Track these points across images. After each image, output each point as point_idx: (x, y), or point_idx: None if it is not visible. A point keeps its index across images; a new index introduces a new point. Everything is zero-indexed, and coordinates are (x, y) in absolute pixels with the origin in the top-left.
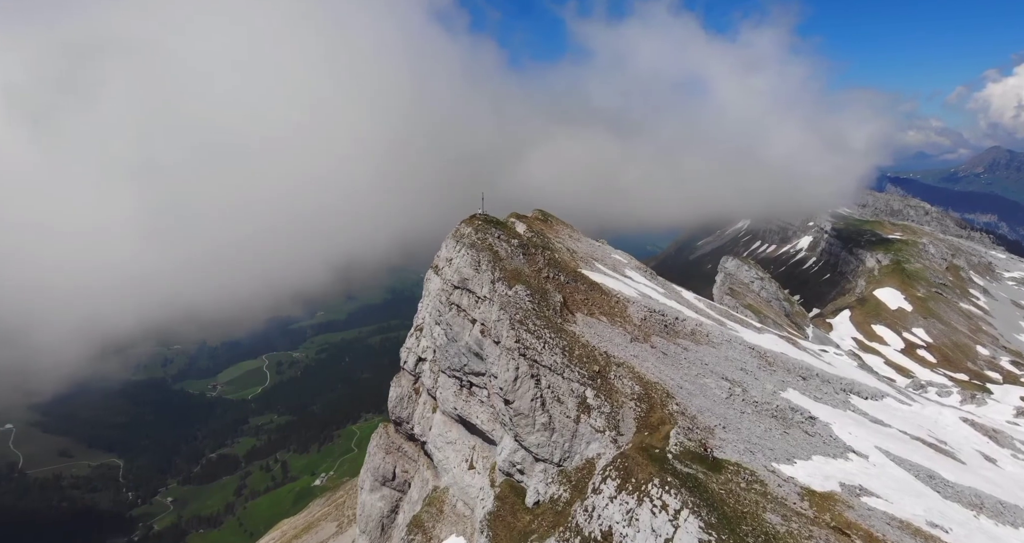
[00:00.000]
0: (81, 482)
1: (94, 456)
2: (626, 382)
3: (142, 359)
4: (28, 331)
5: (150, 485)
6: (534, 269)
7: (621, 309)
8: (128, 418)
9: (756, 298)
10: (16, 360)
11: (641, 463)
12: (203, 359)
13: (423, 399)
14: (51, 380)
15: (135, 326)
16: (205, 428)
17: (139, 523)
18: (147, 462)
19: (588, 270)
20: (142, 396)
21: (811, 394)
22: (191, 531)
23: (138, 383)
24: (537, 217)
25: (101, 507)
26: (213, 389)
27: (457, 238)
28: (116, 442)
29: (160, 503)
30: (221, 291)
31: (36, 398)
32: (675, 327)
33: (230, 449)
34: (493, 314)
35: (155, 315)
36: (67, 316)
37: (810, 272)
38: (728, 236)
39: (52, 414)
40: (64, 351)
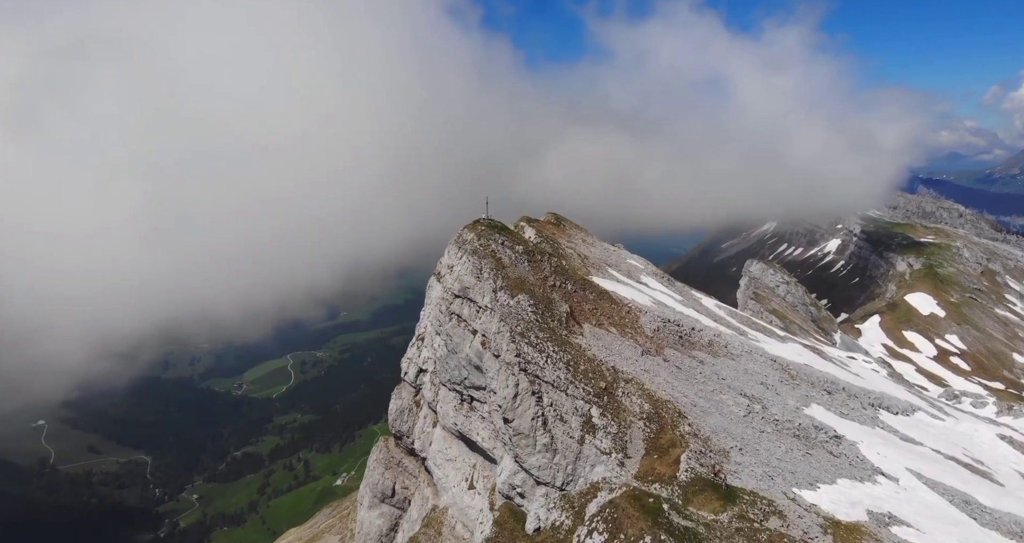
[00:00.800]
0: (110, 478)
1: (123, 453)
2: (635, 400)
3: (170, 358)
4: (58, 330)
5: (177, 482)
6: (539, 277)
7: (632, 319)
8: (156, 416)
9: (781, 303)
10: (46, 358)
11: (632, 516)
12: (230, 358)
13: (424, 413)
14: (82, 378)
15: (162, 326)
16: (230, 426)
17: (165, 520)
18: (174, 459)
19: (600, 277)
20: (170, 394)
21: (837, 410)
22: (215, 529)
23: (166, 381)
24: (549, 221)
25: (129, 503)
26: (239, 388)
27: (459, 244)
28: (144, 439)
29: (186, 500)
30: (248, 291)
31: (67, 395)
32: (691, 338)
33: (254, 447)
34: (493, 326)
35: (182, 315)
36: (96, 316)
37: (838, 276)
38: (753, 238)
39: (83, 411)
40: (93, 350)
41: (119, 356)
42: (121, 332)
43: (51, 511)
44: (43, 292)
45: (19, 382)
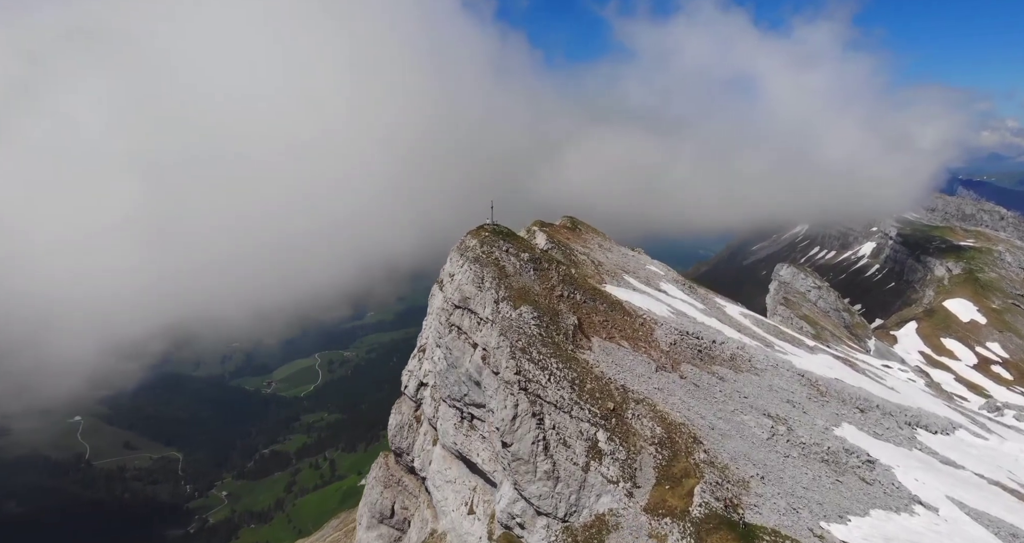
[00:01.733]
0: (143, 474)
1: (156, 449)
2: (646, 423)
3: (202, 357)
4: (94, 328)
5: (207, 479)
6: (546, 287)
7: (647, 332)
8: (188, 413)
9: (812, 308)
10: (83, 355)
11: None
12: (259, 357)
13: (424, 429)
14: (115, 375)
15: (190, 324)
16: (259, 424)
17: (195, 516)
18: (204, 456)
19: (614, 285)
20: (202, 392)
21: (870, 430)
22: (243, 526)
23: (198, 379)
24: (565, 225)
25: (161, 498)
26: (268, 386)
27: (461, 251)
28: (176, 436)
29: (216, 497)
30: (278, 291)
31: (102, 392)
32: (711, 352)
33: (282, 445)
34: (493, 340)
35: (210, 314)
36: (129, 316)
37: (873, 280)
38: (784, 241)
39: (117, 408)
40: (127, 347)
41: (151, 354)
42: (151, 331)
43: (86, 505)
44: (70, 292)
45: (54, 378)
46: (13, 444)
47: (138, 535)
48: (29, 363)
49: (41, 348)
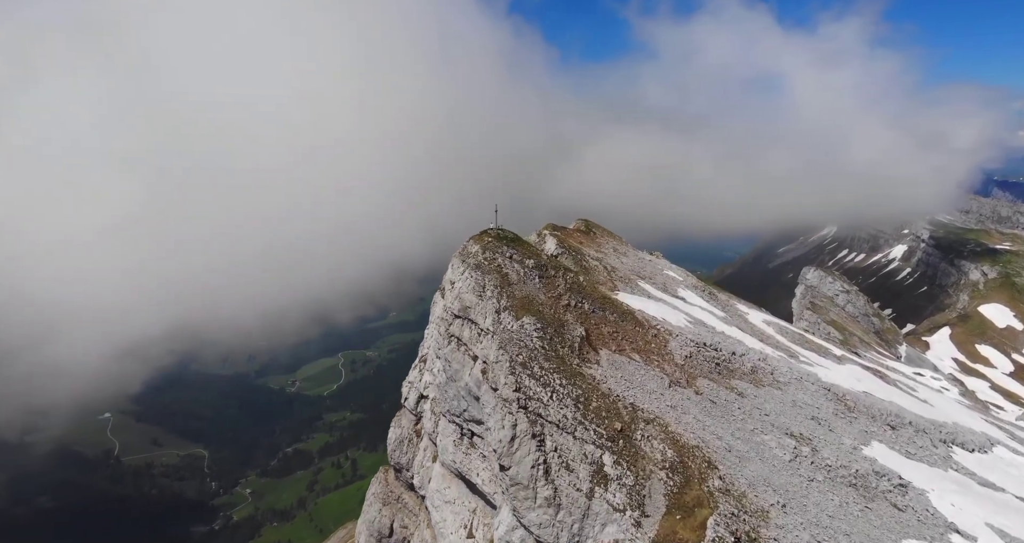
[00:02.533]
0: (170, 471)
1: (182, 446)
2: (656, 445)
3: (229, 355)
4: (120, 325)
5: (231, 476)
6: (552, 295)
7: (660, 344)
8: (214, 411)
9: (841, 313)
10: (112, 352)
11: None
12: (284, 356)
13: (424, 444)
14: (146, 372)
15: (216, 324)
16: (283, 423)
17: (220, 513)
18: (229, 454)
19: (627, 292)
20: (228, 390)
21: (902, 448)
22: (266, 524)
23: (224, 377)
24: (579, 228)
25: (187, 495)
26: (292, 385)
27: (462, 257)
28: (202, 433)
29: (240, 494)
30: (300, 290)
31: (132, 389)
32: (730, 365)
33: (305, 444)
34: (492, 353)
35: (235, 313)
36: (157, 314)
37: (904, 284)
38: (812, 244)
39: (146, 405)
40: (155, 346)
41: (179, 353)
42: (178, 330)
43: (115, 501)
44: (92, 291)
45: (83, 375)
46: (45, 440)
47: (164, 531)
48: (57, 359)
49: (69, 345)
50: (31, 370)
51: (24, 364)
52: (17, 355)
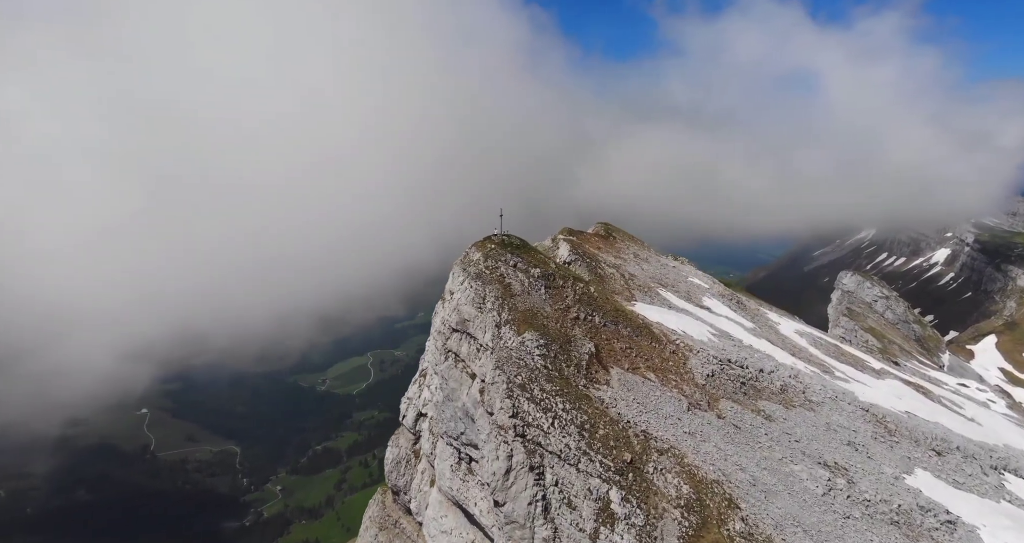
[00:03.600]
0: (203, 466)
1: (216, 442)
2: (670, 479)
3: (264, 353)
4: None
5: (262, 473)
6: (558, 308)
7: (679, 361)
8: (247, 408)
9: (879, 320)
10: (146, 350)
11: None
12: (315, 354)
13: (422, 467)
14: (182, 369)
15: (249, 322)
16: (313, 421)
17: (251, 509)
18: (261, 451)
19: (646, 302)
20: (260, 387)
21: (949, 477)
22: (295, 521)
23: (257, 375)
24: (598, 232)
25: (219, 491)
26: (323, 383)
27: (463, 266)
28: (235, 430)
29: (271, 491)
30: (329, 290)
31: (167, 386)
32: (757, 383)
33: (334, 443)
34: (488, 373)
35: (268, 312)
36: (191, 311)
37: (946, 290)
38: (848, 247)
39: (181, 401)
40: (189, 343)
41: (213, 351)
42: (214, 328)
43: (150, 495)
44: (130, 290)
45: (121, 371)
46: (85, 433)
47: (197, 526)
48: (98, 355)
49: (111, 341)
50: (70, 366)
51: (63, 360)
52: (54, 350)
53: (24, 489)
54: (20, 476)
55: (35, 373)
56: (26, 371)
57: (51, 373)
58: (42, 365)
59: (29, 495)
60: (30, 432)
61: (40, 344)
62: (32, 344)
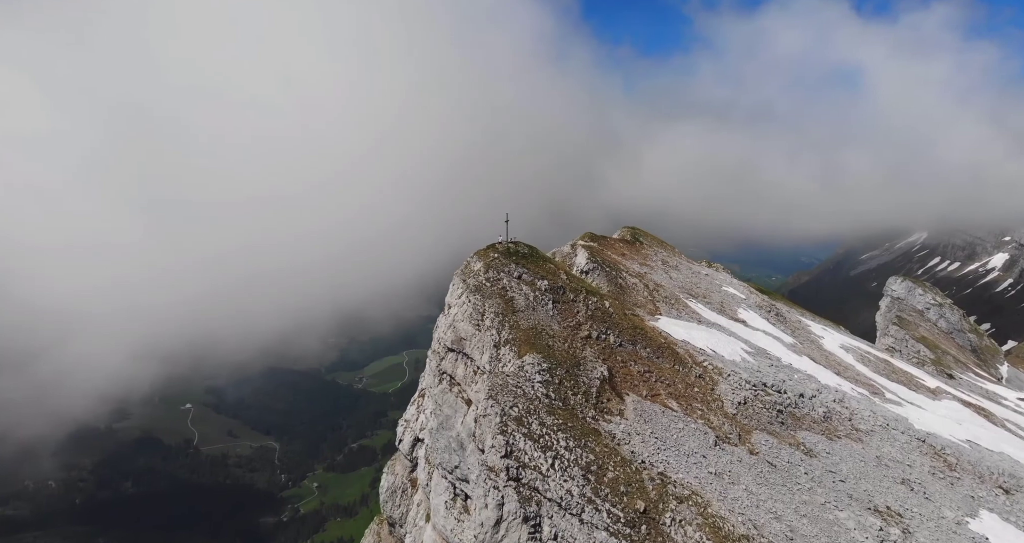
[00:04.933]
0: (243, 461)
1: (255, 438)
2: (690, 533)
3: (304, 351)
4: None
5: (300, 469)
6: (568, 325)
7: (706, 386)
8: (286, 405)
9: (931, 329)
10: (191, 348)
11: None
12: (353, 352)
13: (418, 498)
14: (225, 366)
15: (291, 319)
16: (350, 418)
17: (288, 505)
18: (299, 447)
19: (672, 316)
20: (300, 385)
21: (1018, 520)
22: (330, 518)
23: (296, 372)
24: (623, 238)
25: (258, 486)
26: (359, 381)
27: (463, 276)
28: (274, 426)
29: (307, 487)
30: (365, 289)
31: (211, 382)
32: (797, 410)
33: (369, 440)
34: (480, 403)
35: (311, 310)
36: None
37: (1005, 297)
38: (898, 251)
39: (224, 397)
40: (230, 341)
41: (252, 349)
42: (252, 326)
43: (192, 489)
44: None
45: (168, 367)
46: (132, 427)
47: (236, 520)
48: (146, 352)
49: (155, 339)
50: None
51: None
52: (96, 345)
53: (74, 480)
54: (70, 467)
55: (75, 365)
56: (69, 362)
57: (92, 367)
58: (84, 357)
59: (78, 486)
60: (78, 424)
61: (84, 338)
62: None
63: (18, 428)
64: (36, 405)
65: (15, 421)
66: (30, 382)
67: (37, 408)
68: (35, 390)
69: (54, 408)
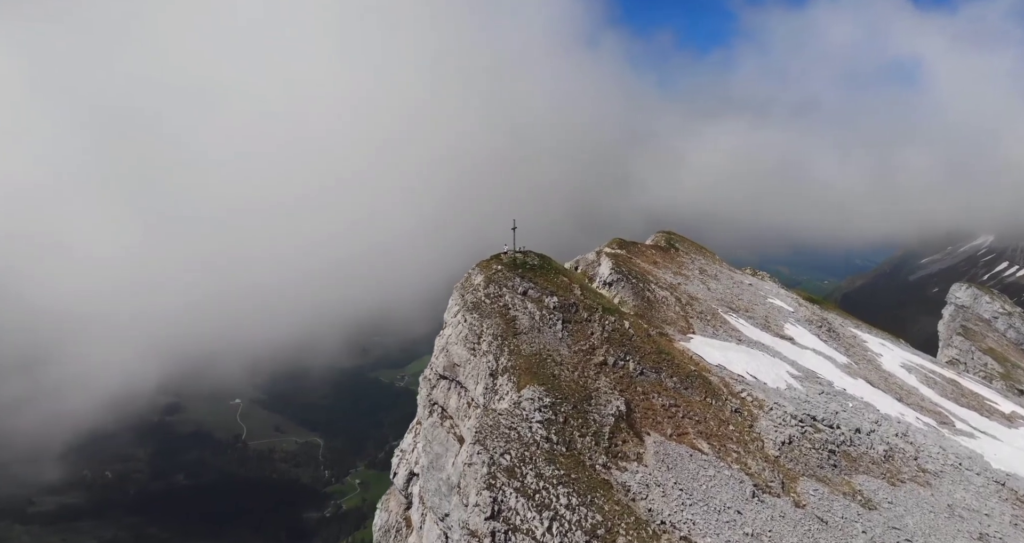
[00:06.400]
0: (289, 456)
1: (301, 434)
2: None
3: (349, 349)
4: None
5: (343, 466)
6: (579, 349)
7: (744, 423)
8: (330, 401)
9: (1000, 340)
10: (247, 345)
11: None
12: (395, 350)
13: (412, 540)
14: (270, 362)
15: (334, 316)
16: (391, 416)
17: (331, 501)
18: (342, 444)
19: (708, 335)
20: (344, 382)
21: None
22: (371, 515)
23: (342, 370)
24: (657, 244)
25: (302, 481)
26: (401, 379)
27: (462, 292)
28: (319, 422)
29: (350, 483)
30: (411, 285)
31: (260, 378)
32: (852, 450)
33: None
34: (465, 449)
35: (360, 308)
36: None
37: None
38: (962, 255)
39: (271, 393)
40: (280, 337)
41: (302, 347)
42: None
43: (240, 482)
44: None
45: (223, 364)
46: (185, 421)
47: (281, 514)
48: (211, 348)
49: (207, 338)
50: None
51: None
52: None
53: (129, 471)
54: (125, 458)
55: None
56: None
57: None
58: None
59: (133, 477)
60: (139, 416)
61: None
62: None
63: (77, 418)
64: (90, 395)
65: (75, 409)
66: (88, 372)
67: (90, 398)
68: (94, 380)
69: (111, 400)
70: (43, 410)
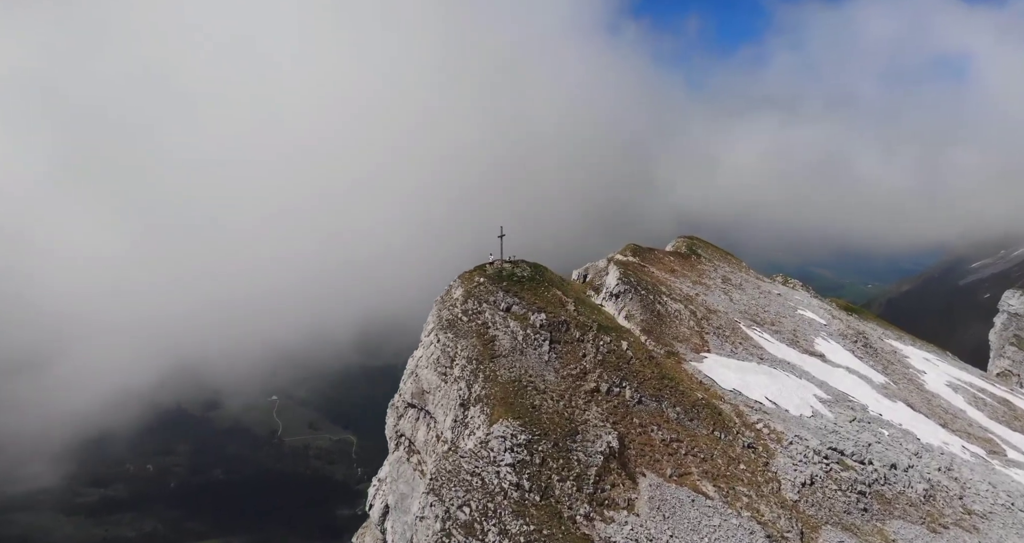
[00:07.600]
0: (323, 453)
1: (335, 431)
2: None
3: (383, 347)
4: None
5: (375, 463)
6: (567, 374)
7: (757, 461)
8: (363, 399)
9: None
10: (279, 343)
11: None
12: None
13: None
14: (307, 359)
15: (365, 315)
16: None
17: (363, 498)
18: (374, 443)
19: (724, 354)
20: (376, 379)
21: None
22: None
23: (373, 367)
24: (677, 250)
25: (335, 478)
26: None
27: (439, 307)
28: (352, 420)
29: None
30: (435, 284)
31: (294, 373)
32: (887, 489)
33: None
34: (419, 499)
35: (391, 306)
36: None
37: None
38: (1015, 259)
39: (307, 389)
40: (319, 336)
41: (335, 343)
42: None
43: (276, 478)
44: None
45: (262, 360)
46: (223, 417)
47: (314, 511)
48: (243, 347)
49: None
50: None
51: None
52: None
53: (169, 465)
54: (166, 452)
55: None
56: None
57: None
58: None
59: (173, 471)
60: (181, 411)
61: None
62: None
63: (120, 412)
64: (130, 389)
65: (117, 403)
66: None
67: (131, 391)
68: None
69: (150, 395)
70: (94, 398)
